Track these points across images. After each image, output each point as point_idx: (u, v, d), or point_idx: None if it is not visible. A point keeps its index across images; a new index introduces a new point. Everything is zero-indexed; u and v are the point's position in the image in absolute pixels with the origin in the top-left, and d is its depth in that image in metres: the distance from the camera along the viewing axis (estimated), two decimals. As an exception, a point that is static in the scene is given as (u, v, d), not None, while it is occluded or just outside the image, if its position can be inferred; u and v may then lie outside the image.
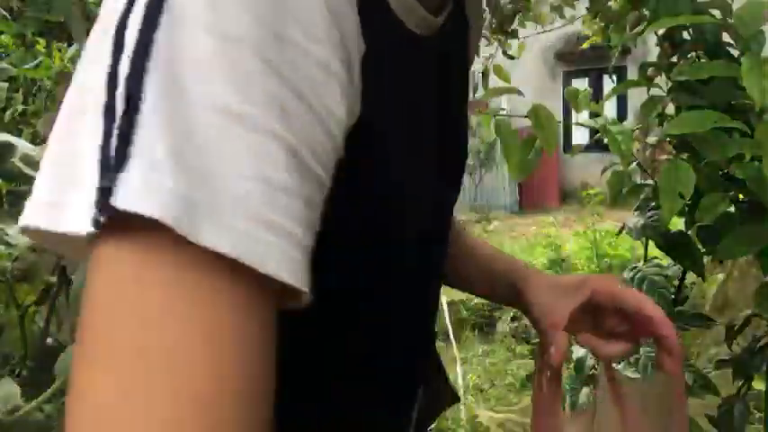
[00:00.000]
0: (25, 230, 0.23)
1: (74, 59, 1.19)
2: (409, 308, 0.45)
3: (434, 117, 0.43)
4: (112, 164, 0.20)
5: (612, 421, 0.57)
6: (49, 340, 0.95)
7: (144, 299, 0.21)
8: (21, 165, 0.67)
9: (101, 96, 0.21)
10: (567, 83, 10.41)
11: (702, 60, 0.90)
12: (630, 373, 1.10)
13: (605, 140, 0.77)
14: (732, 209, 0.86)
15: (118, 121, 0.21)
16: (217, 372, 0.21)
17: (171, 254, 0.21)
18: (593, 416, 0.61)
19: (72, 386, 0.20)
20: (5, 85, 1.16)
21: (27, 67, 1.13)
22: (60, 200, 0.22)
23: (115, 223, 0.20)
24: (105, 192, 0.20)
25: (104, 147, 0.21)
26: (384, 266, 0.38)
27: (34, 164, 0.70)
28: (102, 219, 0.20)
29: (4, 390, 0.54)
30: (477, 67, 2.34)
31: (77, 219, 0.20)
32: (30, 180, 0.71)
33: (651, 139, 1.02)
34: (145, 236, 0.21)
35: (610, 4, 1.15)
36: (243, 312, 0.22)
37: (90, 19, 2.87)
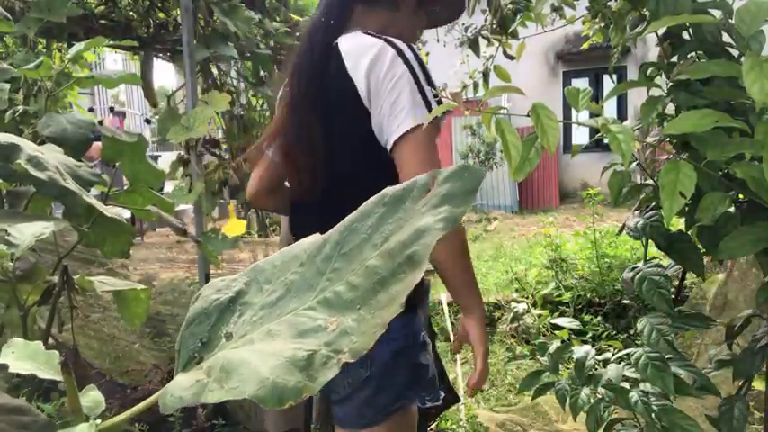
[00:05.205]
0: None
1: (74, 60, 1.19)
2: None
3: None
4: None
5: None
6: (51, 340, 0.96)
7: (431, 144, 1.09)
8: (27, 166, 0.67)
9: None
10: (567, 83, 10.41)
11: (702, 60, 0.90)
12: (630, 373, 1.10)
13: (605, 140, 0.77)
14: (732, 209, 0.86)
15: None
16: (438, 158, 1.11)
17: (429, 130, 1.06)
18: None
19: (419, 163, 1.05)
20: (7, 86, 1.16)
21: (27, 67, 1.13)
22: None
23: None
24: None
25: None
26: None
27: (39, 165, 0.70)
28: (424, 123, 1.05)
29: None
30: (477, 67, 2.34)
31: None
32: (32, 180, 0.71)
33: (651, 139, 1.02)
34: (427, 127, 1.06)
35: (610, 4, 1.15)
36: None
37: (89, 18, 2.84)
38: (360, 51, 1.10)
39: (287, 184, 1.32)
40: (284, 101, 1.24)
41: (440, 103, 1.07)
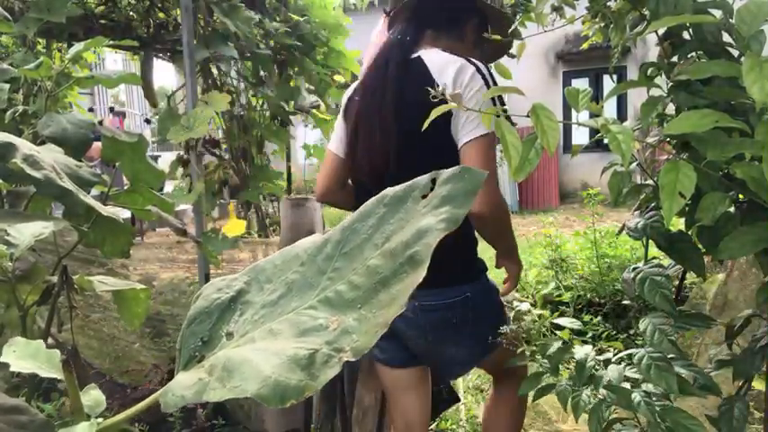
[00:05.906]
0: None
1: (74, 60, 1.19)
2: None
3: None
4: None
5: None
6: (50, 340, 0.95)
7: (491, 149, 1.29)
8: (23, 165, 0.67)
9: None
10: (567, 83, 10.40)
11: (702, 60, 0.90)
12: (632, 373, 1.10)
13: (605, 140, 0.77)
14: (732, 209, 0.86)
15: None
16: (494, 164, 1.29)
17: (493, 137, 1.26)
18: None
19: (481, 164, 1.24)
20: (6, 86, 1.16)
21: (27, 67, 1.13)
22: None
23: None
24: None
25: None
26: None
27: (35, 164, 0.70)
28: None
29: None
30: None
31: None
32: (30, 180, 0.71)
33: (651, 139, 1.02)
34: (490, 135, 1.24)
35: (610, 4, 1.14)
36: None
37: (89, 18, 2.83)
38: (444, 63, 1.30)
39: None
40: (352, 110, 1.44)
41: (506, 114, 1.23)
